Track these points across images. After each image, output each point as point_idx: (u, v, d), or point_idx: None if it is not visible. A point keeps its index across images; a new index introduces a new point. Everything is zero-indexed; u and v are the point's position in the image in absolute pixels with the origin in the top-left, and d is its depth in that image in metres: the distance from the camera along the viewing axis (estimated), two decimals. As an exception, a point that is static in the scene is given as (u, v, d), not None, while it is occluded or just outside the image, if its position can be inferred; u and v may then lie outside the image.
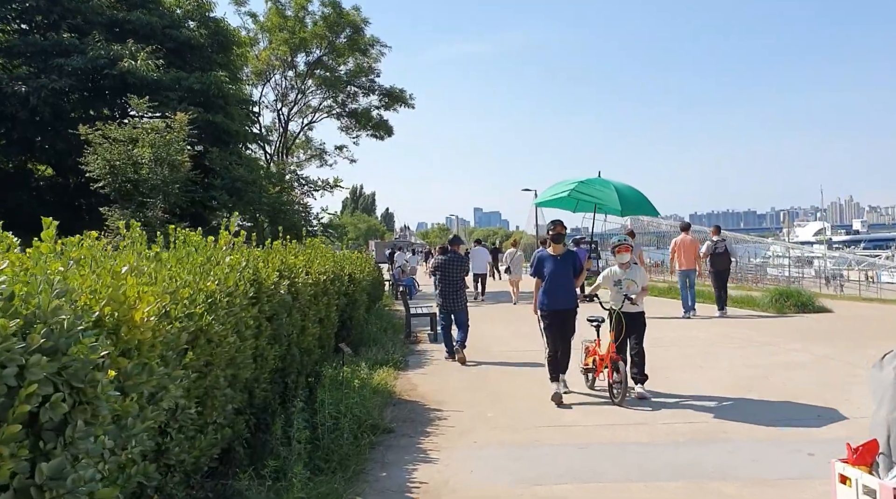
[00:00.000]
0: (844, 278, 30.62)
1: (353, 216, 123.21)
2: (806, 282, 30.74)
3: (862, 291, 24.81)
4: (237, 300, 4.55)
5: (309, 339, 6.80)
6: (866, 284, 25.50)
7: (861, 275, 31.34)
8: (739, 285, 27.72)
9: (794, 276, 32.12)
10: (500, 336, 13.50)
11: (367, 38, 28.66)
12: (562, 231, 8.19)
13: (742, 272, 32.53)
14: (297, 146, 31.88)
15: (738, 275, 31.38)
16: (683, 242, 16.12)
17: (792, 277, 32.33)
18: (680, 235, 16.49)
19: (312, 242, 8.65)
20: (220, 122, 17.18)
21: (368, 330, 11.60)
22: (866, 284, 25.96)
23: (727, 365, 9.73)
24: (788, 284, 31.23)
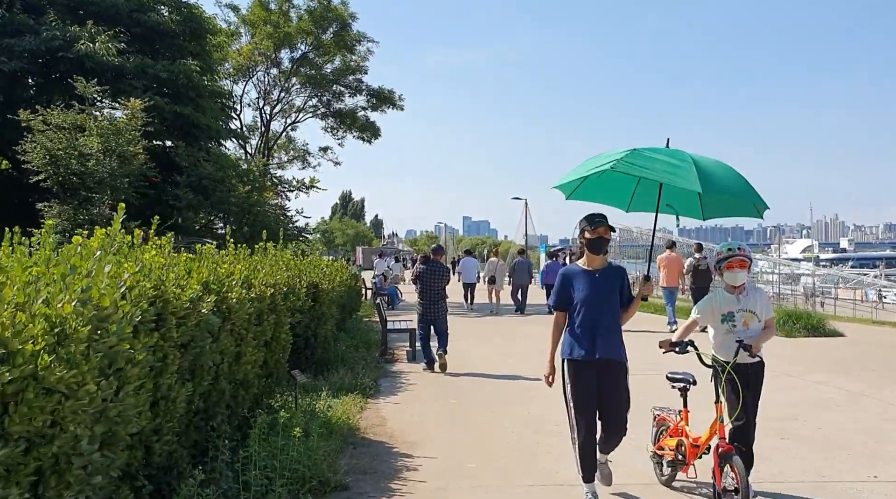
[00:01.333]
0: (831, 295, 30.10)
1: (342, 222, 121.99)
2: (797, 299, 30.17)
3: (858, 310, 23.67)
4: (112, 327, 3.20)
5: (247, 368, 5.45)
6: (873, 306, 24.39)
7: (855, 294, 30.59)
8: None
9: (784, 293, 31.57)
10: (485, 356, 12.19)
11: (355, 34, 27.30)
12: (606, 234, 5.00)
13: None
14: (280, 147, 30.49)
15: None
16: (669, 258, 16.45)
17: (782, 294, 31.78)
18: (665, 252, 16.77)
19: (264, 246, 7.27)
20: (189, 115, 15.79)
21: (337, 349, 10.24)
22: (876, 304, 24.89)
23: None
24: (778, 301, 30.62)
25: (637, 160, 4.75)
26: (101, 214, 11.01)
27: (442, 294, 10.95)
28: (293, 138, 31.60)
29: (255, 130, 29.34)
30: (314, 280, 9.21)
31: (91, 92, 12.14)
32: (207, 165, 15.02)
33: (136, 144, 11.95)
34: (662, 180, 4.81)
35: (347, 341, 11.34)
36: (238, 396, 5.40)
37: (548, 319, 18.05)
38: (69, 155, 11.21)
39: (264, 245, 7.94)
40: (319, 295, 9.28)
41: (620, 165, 4.74)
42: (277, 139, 29.67)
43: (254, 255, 6.98)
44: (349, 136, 30.20)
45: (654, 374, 10.54)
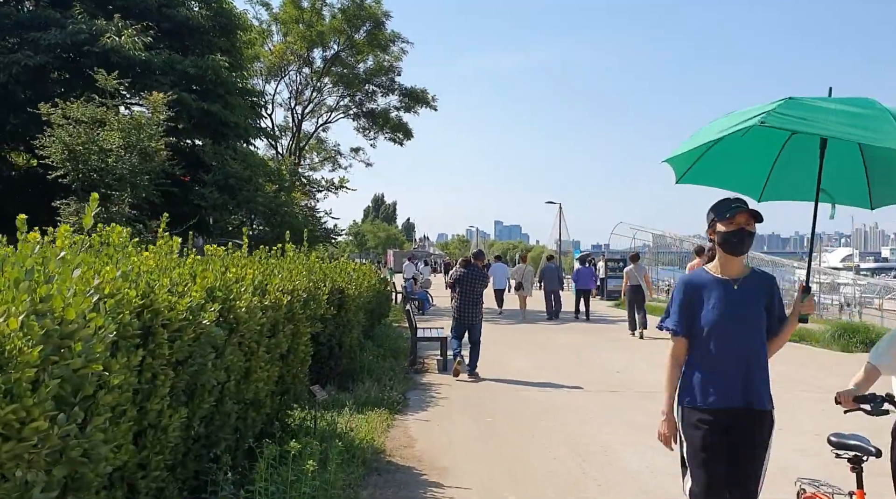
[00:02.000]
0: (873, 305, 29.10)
1: (373, 225, 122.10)
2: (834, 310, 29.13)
3: None
4: (79, 346, 2.59)
5: (258, 385, 4.84)
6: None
7: None
8: None
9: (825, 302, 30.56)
10: (520, 367, 11.49)
11: (388, 34, 26.79)
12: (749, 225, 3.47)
13: None
14: (311, 148, 30.06)
15: None
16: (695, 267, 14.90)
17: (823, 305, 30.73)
18: (695, 259, 15.44)
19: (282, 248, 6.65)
20: (217, 112, 15.35)
21: (363, 359, 9.61)
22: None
23: (817, 432, 7.61)
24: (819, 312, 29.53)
25: (797, 111, 3.21)
26: (120, 213, 10.55)
27: (480, 299, 10.89)
28: (324, 139, 31.23)
29: (286, 131, 28.97)
30: (339, 285, 8.60)
31: (112, 85, 11.70)
32: (234, 163, 14.55)
33: (158, 140, 11.48)
34: (846, 137, 3.30)
35: (374, 350, 10.71)
36: (247, 418, 4.79)
37: (583, 326, 17.23)
38: (89, 150, 10.76)
39: (282, 247, 7.36)
40: (345, 301, 8.67)
41: (773, 119, 3.14)
42: (309, 140, 29.25)
43: (272, 257, 6.38)
44: (381, 137, 29.71)
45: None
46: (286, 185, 15.43)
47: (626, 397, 9.09)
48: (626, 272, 17.14)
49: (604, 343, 15.09)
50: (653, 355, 13.16)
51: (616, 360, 12.54)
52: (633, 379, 10.48)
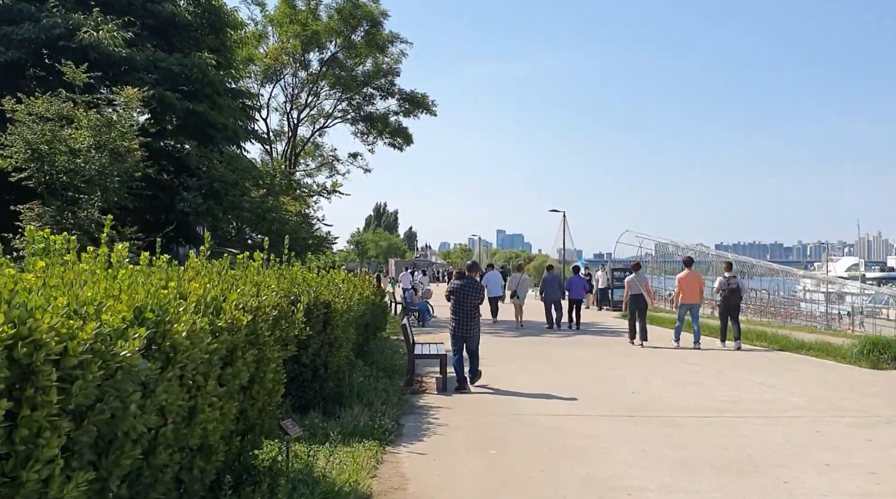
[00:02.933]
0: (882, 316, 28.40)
1: (375, 234, 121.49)
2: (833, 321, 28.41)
3: None
4: None
5: (207, 428, 3.89)
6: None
7: None
8: (769, 323, 24.96)
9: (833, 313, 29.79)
10: (526, 386, 10.50)
11: (387, 35, 25.93)
12: None
13: (776, 306, 30.19)
14: (307, 153, 29.13)
15: (770, 309, 29.25)
16: (689, 276, 16.37)
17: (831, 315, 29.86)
18: (684, 271, 16.66)
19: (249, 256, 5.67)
20: (204, 113, 14.43)
21: (353, 380, 8.63)
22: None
23: (870, 468, 6.60)
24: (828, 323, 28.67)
25: None
26: (89, 218, 9.62)
27: (476, 311, 10.69)
28: (321, 144, 30.31)
29: (281, 135, 28.09)
30: (325, 299, 7.67)
31: (81, 78, 10.77)
32: (220, 166, 13.63)
33: (131, 139, 10.55)
34: None
35: (366, 370, 9.72)
36: (194, 468, 3.84)
37: (589, 339, 16.21)
38: (55, 150, 9.82)
39: (266, 255, 6.43)
40: (332, 317, 7.73)
41: None
42: (305, 145, 28.32)
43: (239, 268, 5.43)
44: (380, 142, 28.77)
45: (733, 416, 8.78)
46: (275, 189, 14.50)
47: (646, 423, 8.12)
48: (627, 281, 17.23)
49: (614, 358, 14.13)
50: (668, 372, 12.21)
51: (630, 377, 11.58)
52: (652, 401, 9.52)
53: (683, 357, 14.18)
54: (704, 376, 11.78)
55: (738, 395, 10.08)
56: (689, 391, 10.28)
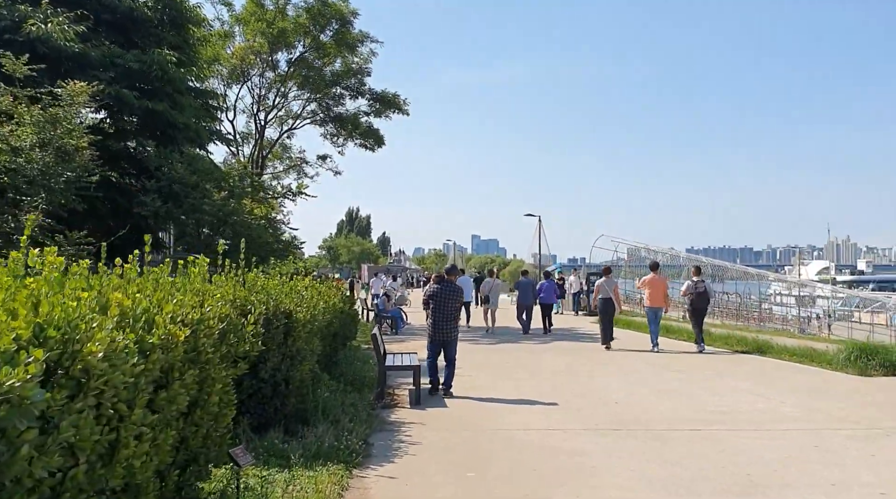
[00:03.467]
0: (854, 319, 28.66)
1: (347, 239, 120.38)
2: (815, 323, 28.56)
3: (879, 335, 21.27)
4: None
5: (133, 465, 3.25)
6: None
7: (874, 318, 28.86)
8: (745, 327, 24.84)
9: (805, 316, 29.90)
10: (506, 397, 9.91)
11: (356, 34, 25.24)
12: None
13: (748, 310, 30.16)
14: (275, 155, 28.33)
15: (742, 313, 29.32)
16: (653, 280, 16.49)
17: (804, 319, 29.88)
18: (649, 274, 16.83)
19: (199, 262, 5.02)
20: (163, 112, 13.66)
21: (318, 395, 7.98)
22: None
23: (880, 488, 6.09)
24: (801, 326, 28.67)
25: None
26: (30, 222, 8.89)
27: (455, 315, 10.58)
28: (289, 146, 29.49)
29: (249, 138, 27.27)
30: (286, 308, 7.03)
31: (22, 71, 10.00)
32: (181, 167, 12.90)
33: (79, 137, 9.81)
34: None
35: (332, 384, 9.05)
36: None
37: (568, 346, 15.69)
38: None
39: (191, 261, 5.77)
40: (293, 328, 7.10)
41: None
42: (272, 147, 27.52)
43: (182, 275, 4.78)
44: (350, 144, 28.06)
45: (725, 429, 8.28)
46: (236, 190, 13.78)
47: (634, 438, 7.57)
48: (597, 285, 17.62)
49: (594, 365, 13.62)
50: (651, 380, 11.71)
51: (612, 386, 11.07)
52: (637, 412, 8.99)
53: (667, 365, 13.70)
54: (690, 385, 11.29)
55: (727, 405, 9.59)
56: (676, 401, 9.78)
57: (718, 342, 17.26)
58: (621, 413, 8.94)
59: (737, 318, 29.39)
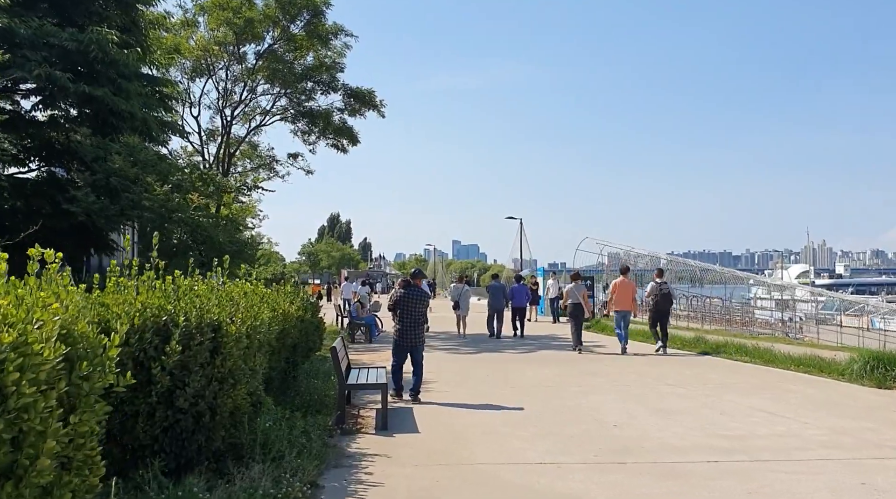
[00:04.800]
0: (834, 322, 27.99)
1: (326, 243, 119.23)
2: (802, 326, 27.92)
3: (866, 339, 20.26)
4: None
5: None
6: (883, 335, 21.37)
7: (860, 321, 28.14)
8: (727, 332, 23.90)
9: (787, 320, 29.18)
10: (486, 421, 8.55)
11: (330, 26, 23.80)
12: None
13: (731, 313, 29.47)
14: (243, 154, 26.77)
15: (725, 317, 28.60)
16: (623, 283, 16.88)
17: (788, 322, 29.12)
18: (619, 278, 17.40)
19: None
20: (103, 98, 12.20)
21: (259, 423, 6.54)
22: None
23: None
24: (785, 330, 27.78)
25: None
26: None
27: (422, 320, 10.45)
28: (257, 144, 27.94)
29: (215, 135, 25.69)
30: (213, 319, 5.63)
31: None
32: (118, 159, 11.44)
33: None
34: None
35: (279, 411, 7.56)
36: None
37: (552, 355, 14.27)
38: None
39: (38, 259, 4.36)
40: (224, 343, 5.69)
41: None
42: (240, 145, 25.95)
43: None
44: (322, 142, 26.51)
45: (748, 459, 6.99)
46: (184, 184, 12.30)
47: (642, 474, 6.23)
48: (566, 290, 18.03)
49: (583, 378, 12.30)
50: (649, 396, 10.41)
51: (607, 405, 9.74)
52: (641, 439, 7.67)
53: (661, 377, 12.42)
54: (693, 402, 10.00)
55: (741, 427, 8.30)
56: (682, 424, 8.46)
57: (714, 351, 16.10)
58: (622, 440, 7.62)
59: (719, 322, 28.55)
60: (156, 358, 5.23)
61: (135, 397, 5.22)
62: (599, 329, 22.09)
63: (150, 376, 5.21)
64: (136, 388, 5.23)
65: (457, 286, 22.88)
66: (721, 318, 30.13)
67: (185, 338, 5.38)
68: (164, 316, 5.38)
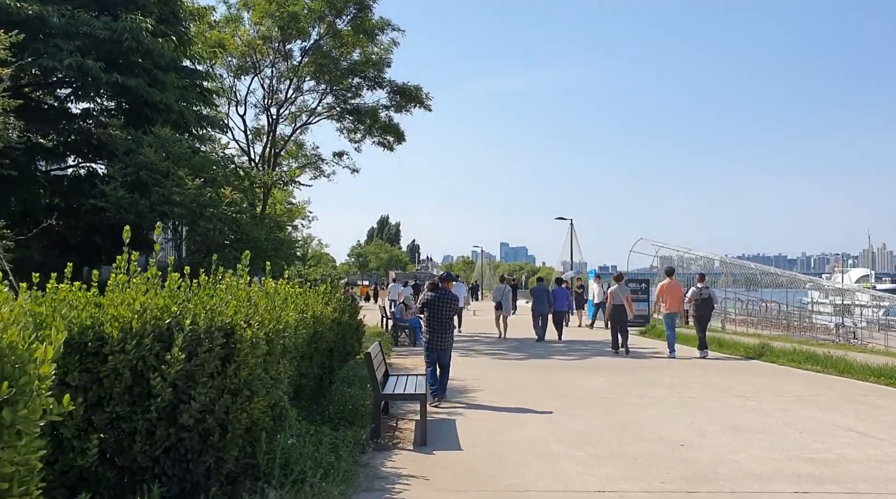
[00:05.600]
0: None
1: (375, 245, 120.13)
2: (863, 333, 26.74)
3: None
4: None
5: None
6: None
7: None
8: (782, 337, 22.82)
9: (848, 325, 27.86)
10: (535, 433, 7.71)
11: (376, 21, 23.19)
12: None
13: (788, 319, 28.94)
14: (289, 154, 26.28)
15: (782, 322, 27.46)
16: (669, 285, 16.78)
17: (849, 328, 27.77)
18: (665, 280, 17.26)
19: None
20: (137, 88, 11.70)
21: (278, 442, 5.77)
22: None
23: None
24: (847, 336, 26.39)
25: None
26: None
27: (450, 323, 10.31)
28: (302, 143, 27.44)
29: (260, 134, 25.29)
30: (225, 323, 4.93)
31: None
32: (149, 151, 10.90)
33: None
34: None
35: (304, 425, 6.75)
36: None
37: (607, 362, 13.15)
38: None
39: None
40: (237, 350, 4.98)
41: None
42: (286, 144, 25.48)
43: None
44: (368, 141, 25.88)
45: (843, 492, 5.99)
46: (218, 178, 11.69)
47: (722, 509, 5.33)
48: (609, 292, 17.75)
49: (641, 389, 11.35)
50: (717, 410, 9.43)
51: (671, 420, 8.80)
52: (713, 462, 6.74)
53: (728, 388, 11.40)
54: (768, 417, 9.00)
55: (828, 449, 7.30)
56: (759, 444, 7.50)
57: (782, 359, 14.98)
58: (693, 463, 6.70)
59: (777, 327, 27.38)
60: (156, 367, 4.55)
61: (132, 412, 4.56)
62: (656, 335, 21.05)
63: (149, 388, 4.54)
64: (134, 402, 4.58)
65: (499, 287, 22.50)
66: (778, 322, 28.95)
67: (190, 344, 4.70)
68: (167, 319, 4.70)
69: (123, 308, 4.62)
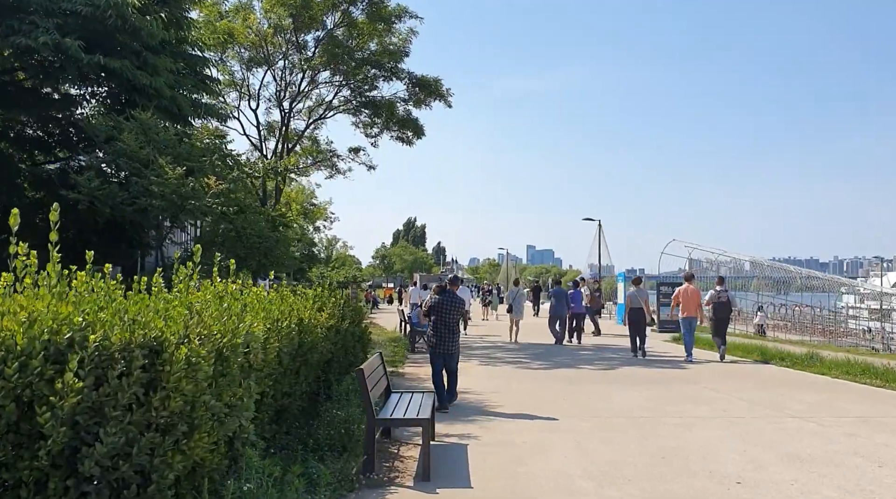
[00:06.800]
0: None
1: (400, 247, 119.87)
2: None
3: None
4: None
5: None
6: None
7: None
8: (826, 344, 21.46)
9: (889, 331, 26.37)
10: (562, 460, 6.45)
11: (393, 8, 22.02)
12: None
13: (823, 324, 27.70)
14: (304, 151, 25.20)
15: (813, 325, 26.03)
16: (687, 290, 16.62)
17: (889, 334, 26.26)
18: (684, 285, 17.07)
19: None
20: (121, 71, 10.64)
21: (228, 489, 4.56)
22: None
23: None
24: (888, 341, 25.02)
25: None
26: None
27: (456, 327, 10.09)
28: (317, 138, 26.35)
29: (273, 129, 24.25)
30: (151, 337, 3.76)
31: None
32: (129, 137, 9.82)
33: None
34: None
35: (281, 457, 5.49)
36: None
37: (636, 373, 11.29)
38: None
39: None
40: (164, 373, 3.79)
41: None
42: (299, 139, 24.41)
43: None
44: (385, 136, 24.74)
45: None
46: (203, 167, 10.54)
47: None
48: (628, 296, 17.65)
49: (681, 405, 10.04)
50: (770, 433, 8.11)
51: (719, 446, 7.49)
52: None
53: (779, 405, 10.05)
54: (834, 444, 7.67)
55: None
56: (831, 481, 6.19)
57: (836, 371, 13.55)
58: (754, 509, 5.41)
59: (812, 332, 25.96)
60: (45, 398, 3.39)
61: (17, 458, 3.41)
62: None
63: (40, 425, 3.38)
64: (21, 444, 3.43)
65: (512, 290, 22.09)
66: (813, 327, 27.61)
67: (98, 367, 3.53)
68: (67, 333, 3.54)
69: (8, 319, 3.46)
